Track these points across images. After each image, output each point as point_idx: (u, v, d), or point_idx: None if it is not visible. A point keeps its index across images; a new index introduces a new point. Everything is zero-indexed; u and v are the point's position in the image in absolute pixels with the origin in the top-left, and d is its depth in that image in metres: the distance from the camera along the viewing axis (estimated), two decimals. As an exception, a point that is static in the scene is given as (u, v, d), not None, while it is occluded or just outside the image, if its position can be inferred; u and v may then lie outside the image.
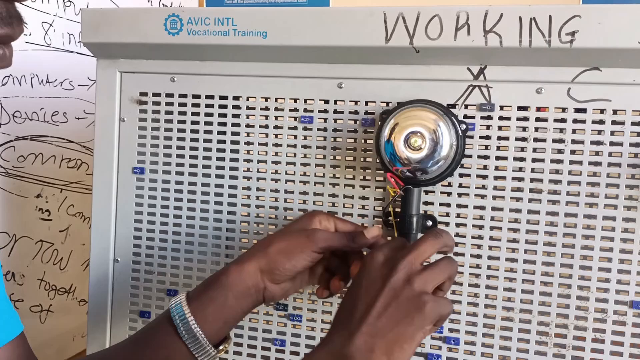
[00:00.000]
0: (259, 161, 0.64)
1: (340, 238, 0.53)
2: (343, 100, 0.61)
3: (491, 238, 0.57)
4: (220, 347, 0.52)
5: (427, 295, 0.44)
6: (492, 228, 0.57)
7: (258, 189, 0.64)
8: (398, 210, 0.58)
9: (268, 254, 0.52)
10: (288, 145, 0.63)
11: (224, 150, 0.65)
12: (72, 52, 1.03)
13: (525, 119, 0.56)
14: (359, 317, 0.44)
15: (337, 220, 0.56)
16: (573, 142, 0.55)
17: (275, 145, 0.63)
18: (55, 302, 1.04)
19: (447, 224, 0.58)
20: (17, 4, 0.36)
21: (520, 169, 0.56)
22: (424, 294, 0.44)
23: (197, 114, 0.65)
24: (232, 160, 0.65)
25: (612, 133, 0.54)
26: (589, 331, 0.55)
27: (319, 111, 0.62)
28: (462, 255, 0.58)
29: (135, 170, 0.68)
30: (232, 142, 0.65)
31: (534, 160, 0.56)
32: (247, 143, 0.64)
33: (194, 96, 0.65)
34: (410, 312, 0.43)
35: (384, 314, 0.43)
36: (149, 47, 0.64)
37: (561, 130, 0.55)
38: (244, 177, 0.65)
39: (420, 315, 0.43)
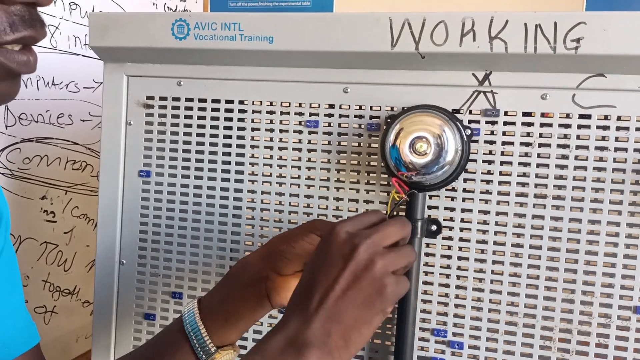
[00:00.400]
0: (264, 164, 0.64)
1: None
2: (348, 105, 0.61)
3: (495, 243, 0.57)
4: (224, 347, 0.52)
5: (389, 278, 0.42)
6: (496, 232, 0.57)
7: (263, 192, 0.65)
8: (403, 214, 0.58)
9: (270, 243, 0.53)
10: (293, 149, 0.63)
11: (229, 154, 0.65)
12: (77, 54, 1.04)
13: (530, 124, 0.56)
14: (317, 301, 0.41)
15: None
16: (577, 147, 0.55)
17: (281, 148, 0.64)
18: (59, 304, 1.05)
19: (451, 228, 0.58)
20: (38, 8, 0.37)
21: (525, 174, 0.57)
22: (386, 276, 0.42)
23: (203, 117, 0.66)
24: (237, 163, 0.65)
25: (617, 139, 0.54)
26: (593, 336, 0.55)
27: (325, 115, 0.62)
28: (467, 259, 0.58)
29: (141, 174, 0.68)
30: (238, 146, 0.65)
31: (538, 165, 0.56)
32: (253, 146, 0.65)
33: (200, 100, 0.66)
34: (371, 295, 0.41)
35: (343, 298, 0.41)
36: (156, 52, 0.64)
37: (566, 136, 0.55)
38: (249, 180, 0.65)
39: (381, 298, 0.42)
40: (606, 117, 0.54)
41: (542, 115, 0.56)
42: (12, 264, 0.54)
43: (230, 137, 0.65)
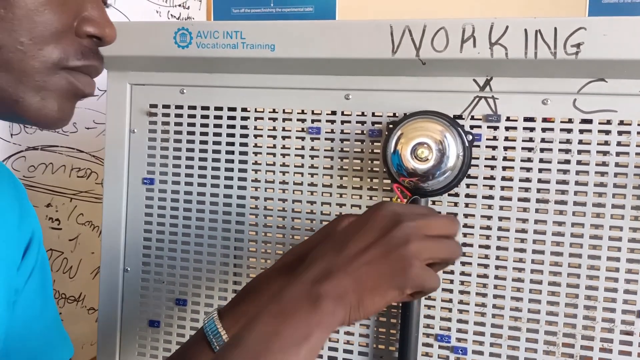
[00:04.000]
0: (267, 171, 0.65)
1: None
2: (350, 112, 0.61)
3: (498, 247, 0.57)
4: None
5: (417, 262, 0.42)
6: (499, 237, 0.57)
7: (266, 199, 0.65)
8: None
9: (286, 260, 0.53)
10: (296, 155, 0.64)
11: (232, 161, 0.66)
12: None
13: (532, 129, 0.56)
14: (345, 259, 0.42)
15: None
16: (579, 152, 0.55)
17: (283, 155, 0.64)
18: (64, 310, 1.05)
19: (454, 233, 0.58)
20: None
21: (527, 179, 0.57)
22: (416, 259, 0.42)
23: (206, 125, 0.66)
24: (240, 170, 0.66)
25: (618, 143, 0.54)
26: (597, 341, 0.55)
27: (327, 122, 0.62)
28: (470, 264, 0.58)
29: (145, 181, 0.69)
30: (241, 153, 0.65)
31: (540, 170, 0.56)
32: (256, 153, 0.65)
33: (203, 108, 0.66)
34: (395, 270, 0.41)
35: (369, 264, 0.41)
36: (159, 60, 0.65)
37: (567, 141, 0.55)
38: (252, 187, 0.65)
39: (403, 276, 0.41)
40: (608, 122, 0.55)
41: (544, 120, 0.56)
42: (46, 281, 0.55)
43: (233, 144, 0.66)
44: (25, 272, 0.52)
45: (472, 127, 0.58)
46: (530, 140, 0.56)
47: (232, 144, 0.66)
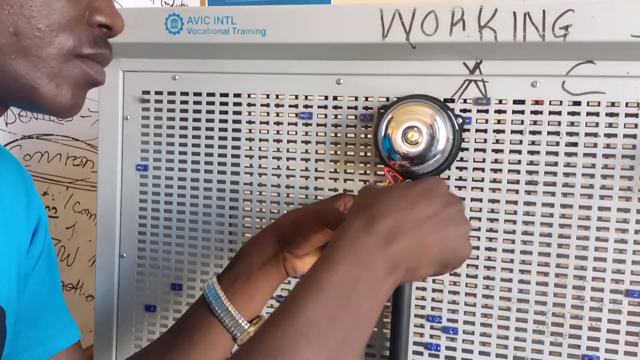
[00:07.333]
0: (260, 157, 0.65)
1: None
2: (342, 96, 0.62)
3: (488, 229, 0.58)
4: (254, 321, 0.53)
5: (469, 243, 0.44)
6: (488, 219, 0.58)
7: (260, 185, 0.65)
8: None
9: (282, 225, 0.54)
10: (288, 141, 0.64)
11: (225, 147, 0.66)
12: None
13: (521, 112, 0.57)
14: (416, 219, 0.42)
15: None
16: (568, 134, 0.56)
17: (276, 141, 0.65)
18: (63, 298, 1.06)
19: (445, 216, 0.59)
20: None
21: (517, 162, 0.57)
22: (468, 239, 0.45)
23: (199, 111, 0.67)
24: (233, 156, 0.66)
25: (607, 125, 0.55)
26: (585, 320, 0.56)
27: (319, 107, 0.63)
28: (460, 247, 0.59)
29: (139, 168, 0.69)
30: (234, 139, 0.66)
31: (529, 152, 0.57)
32: (248, 139, 0.66)
33: (195, 94, 0.67)
34: (456, 247, 0.43)
35: (438, 232, 0.42)
36: (150, 47, 0.65)
37: (557, 123, 0.56)
38: (245, 173, 0.66)
39: (460, 255, 0.44)
40: (597, 104, 0.55)
41: (534, 102, 0.57)
42: (52, 265, 0.56)
43: (225, 129, 0.66)
44: (33, 256, 0.53)
45: (462, 110, 0.58)
46: (520, 122, 0.57)
47: (225, 129, 0.66)
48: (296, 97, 0.63)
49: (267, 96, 0.64)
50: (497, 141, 0.58)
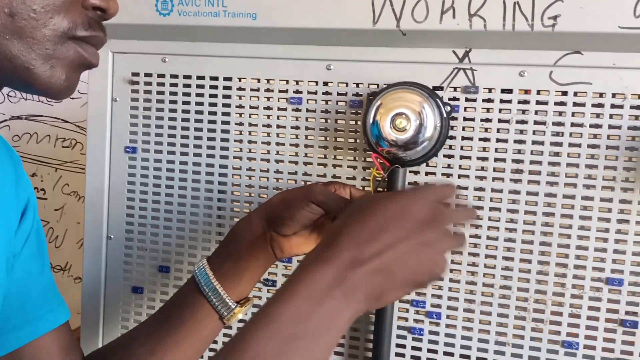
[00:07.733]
0: (249, 141, 0.65)
1: (339, 200, 0.53)
2: (332, 82, 0.62)
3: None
4: (242, 301, 0.54)
5: (443, 261, 0.43)
6: (474, 207, 0.59)
7: (249, 169, 0.66)
8: (383, 190, 0.59)
9: (271, 204, 0.55)
10: (278, 126, 0.64)
11: (214, 130, 0.66)
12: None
13: (509, 101, 0.57)
14: (380, 247, 0.41)
15: (353, 189, 0.56)
16: (554, 124, 0.56)
17: (265, 126, 0.65)
18: (51, 280, 1.06)
19: (431, 203, 0.60)
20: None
21: (504, 150, 0.58)
22: (442, 259, 0.43)
23: (188, 94, 0.67)
24: (222, 140, 0.66)
25: (593, 115, 0.56)
26: (566, 306, 0.57)
27: (308, 92, 0.63)
28: (446, 233, 0.59)
29: (128, 150, 0.69)
30: (223, 122, 0.66)
31: (516, 141, 0.57)
32: (238, 124, 0.66)
33: (185, 76, 0.66)
34: (423, 269, 0.42)
35: (402, 258, 0.41)
36: (140, 28, 0.65)
37: (543, 113, 0.56)
38: (234, 157, 0.66)
39: (428, 276, 0.43)
40: (583, 94, 0.56)
41: (522, 92, 0.57)
42: (41, 245, 0.56)
43: (215, 113, 0.66)
44: (22, 236, 0.53)
45: (450, 98, 0.59)
46: (508, 111, 0.57)
47: (214, 112, 0.66)
48: (286, 82, 0.63)
49: (258, 80, 0.64)
50: (485, 129, 0.58)
